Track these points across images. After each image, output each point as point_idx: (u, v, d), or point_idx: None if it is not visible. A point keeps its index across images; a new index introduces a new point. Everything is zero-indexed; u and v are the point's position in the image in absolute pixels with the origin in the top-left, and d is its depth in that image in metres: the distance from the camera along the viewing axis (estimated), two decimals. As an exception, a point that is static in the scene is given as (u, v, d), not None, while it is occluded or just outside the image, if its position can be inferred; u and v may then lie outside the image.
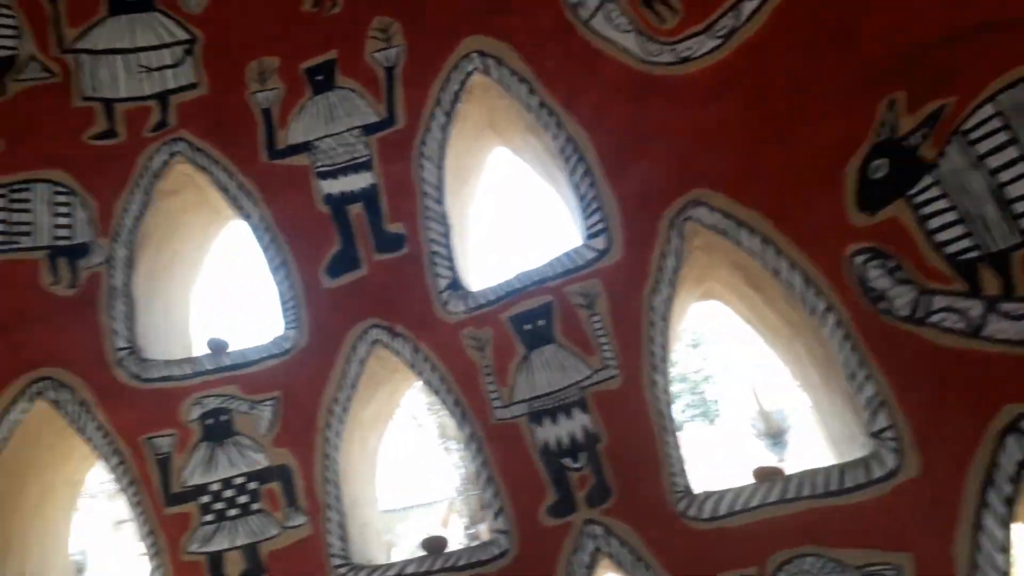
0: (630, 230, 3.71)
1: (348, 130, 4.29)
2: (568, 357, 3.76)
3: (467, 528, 15.73)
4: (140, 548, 3.94)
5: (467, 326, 3.93)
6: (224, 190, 4.33)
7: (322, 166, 4.28)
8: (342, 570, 3.82)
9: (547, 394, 3.76)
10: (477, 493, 15.61)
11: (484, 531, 15.37)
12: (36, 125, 4.31)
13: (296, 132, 4.33)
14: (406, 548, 17.23)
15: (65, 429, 4.03)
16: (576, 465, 3.68)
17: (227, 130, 4.37)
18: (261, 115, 4.36)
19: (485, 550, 3.73)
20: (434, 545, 3.88)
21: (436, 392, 3.97)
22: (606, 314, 3.71)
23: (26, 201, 4.27)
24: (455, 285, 4.02)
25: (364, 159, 4.25)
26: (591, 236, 3.79)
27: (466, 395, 3.90)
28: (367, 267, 4.13)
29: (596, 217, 3.78)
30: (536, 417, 3.77)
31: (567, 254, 3.85)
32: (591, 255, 3.77)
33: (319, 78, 4.35)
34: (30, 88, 4.36)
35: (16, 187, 4.27)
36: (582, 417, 3.70)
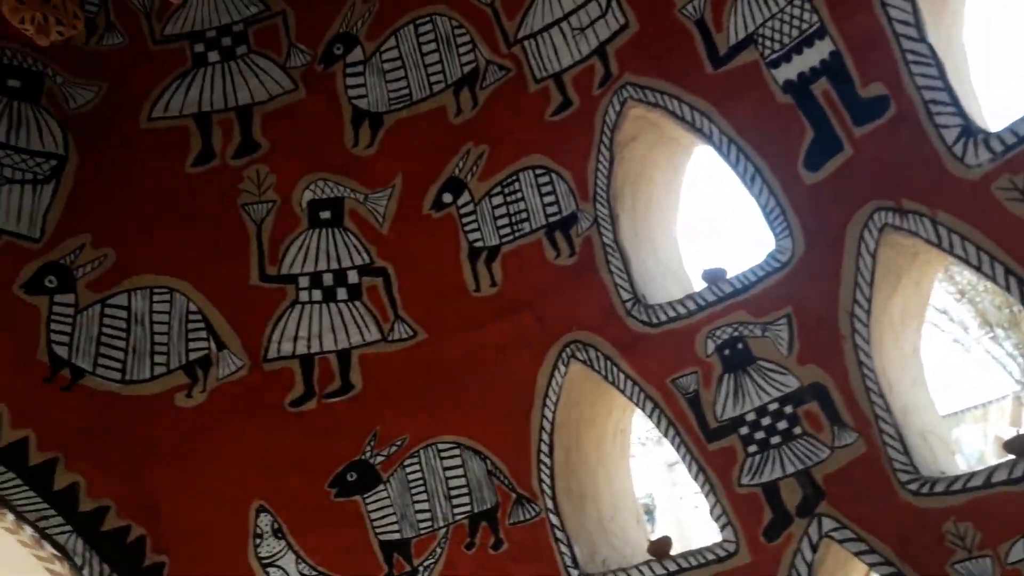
0: None
1: (789, 2, 3.79)
2: None
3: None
4: (695, 487, 3.98)
5: (999, 176, 3.15)
6: (679, 118, 4.18)
7: (771, 53, 3.88)
8: (913, 485, 3.34)
9: None
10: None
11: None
12: (506, 121, 4.70)
13: (736, 28, 3.99)
14: (968, 457, 14.92)
15: (601, 384, 4.30)
16: None
17: (666, 57, 4.22)
18: (695, 28, 4.12)
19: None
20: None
21: (977, 267, 3.24)
22: None
23: (517, 191, 4.68)
24: (969, 131, 3.28)
25: (815, 27, 3.74)
26: None
27: (1021, 262, 3.09)
28: (850, 145, 3.63)
29: None
30: None
31: None
32: None
33: (740, -41, 3.95)
34: (494, 90, 4.77)
35: (507, 182, 4.70)
36: None
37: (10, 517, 4.12)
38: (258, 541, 4.43)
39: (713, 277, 4.08)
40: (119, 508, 4.35)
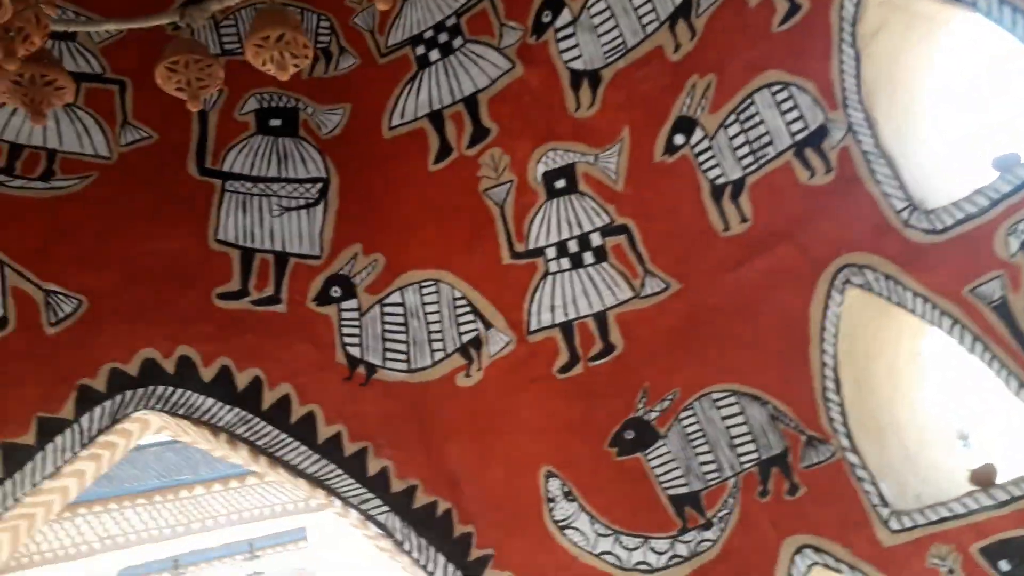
0: None
1: None
2: None
3: None
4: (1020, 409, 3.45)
5: None
6: (931, -10, 3.62)
7: None
8: None
9: None
10: None
11: None
12: (730, 43, 4.36)
13: None
14: None
15: (885, 307, 3.87)
16: None
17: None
18: None
19: None
20: None
21: None
22: None
23: (755, 115, 4.34)
24: None
25: None
26: None
27: None
28: None
29: None
30: None
31: None
32: None
33: None
34: (711, 15, 4.40)
35: (741, 108, 4.36)
36: None
37: (337, 503, 4.66)
38: (552, 505, 4.60)
39: (1006, 164, 3.49)
40: (425, 486, 4.73)
